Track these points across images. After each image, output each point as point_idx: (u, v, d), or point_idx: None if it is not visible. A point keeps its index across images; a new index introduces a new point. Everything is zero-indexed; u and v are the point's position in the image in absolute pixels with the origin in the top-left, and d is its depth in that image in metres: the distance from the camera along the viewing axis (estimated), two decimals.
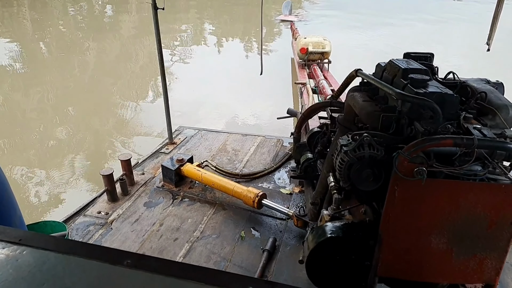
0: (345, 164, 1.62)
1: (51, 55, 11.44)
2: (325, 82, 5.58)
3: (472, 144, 1.39)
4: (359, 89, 2.11)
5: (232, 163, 3.98)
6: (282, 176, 3.76)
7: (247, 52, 12.19)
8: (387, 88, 1.70)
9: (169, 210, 3.23)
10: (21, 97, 8.16)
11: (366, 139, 1.58)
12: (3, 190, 1.31)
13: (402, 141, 1.60)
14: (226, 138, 4.53)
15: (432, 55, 2.09)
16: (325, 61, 6.93)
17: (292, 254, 2.74)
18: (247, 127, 6.54)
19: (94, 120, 7.03)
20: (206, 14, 18.34)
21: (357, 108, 1.93)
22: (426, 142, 1.42)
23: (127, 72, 10.15)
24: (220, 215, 3.17)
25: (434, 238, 1.58)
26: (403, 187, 1.49)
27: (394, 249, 1.63)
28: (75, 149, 6.00)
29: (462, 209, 1.51)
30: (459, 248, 1.59)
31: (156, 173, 3.76)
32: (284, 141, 4.42)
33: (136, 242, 2.87)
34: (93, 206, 3.28)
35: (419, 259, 1.64)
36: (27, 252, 0.83)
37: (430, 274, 1.67)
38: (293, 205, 3.28)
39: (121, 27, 15.36)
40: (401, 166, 1.45)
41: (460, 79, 1.93)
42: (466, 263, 1.62)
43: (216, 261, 2.69)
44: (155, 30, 3.72)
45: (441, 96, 1.59)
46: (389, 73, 1.90)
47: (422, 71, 1.76)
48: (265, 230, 3.00)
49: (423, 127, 1.52)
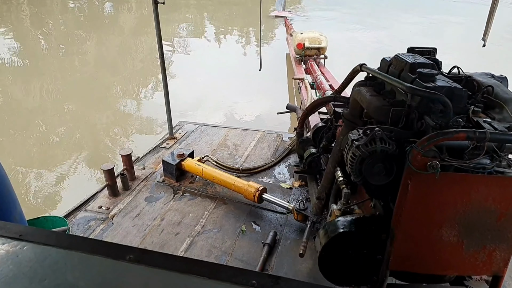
0: (357, 158, 1.62)
1: (50, 50, 11.37)
2: (323, 77, 5.58)
3: (484, 138, 1.39)
4: (364, 84, 2.10)
5: (232, 158, 3.97)
6: (282, 170, 3.75)
7: (245, 49, 12.14)
8: (397, 83, 1.69)
9: (170, 204, 3.23)
10: (21, 92, 8.12)
11: (378, 133, 1.57)
12: (2, 185, 1.30)
13: (412, 135, 1.60)
14: (226, 133, 4.52)
15: (435, 50, 2.08)
16: (321, 56, 6.95)
17: (292, 247, 2.74)
18: (246, 123, 6.52)
19: (94, 115, 6.99)
20: (205, 10, 18.24)
21: (364, 102, 1.92)
22: (440, 136, 1.42)
23: (127, 67, 10.10)
24: (221, 210, 3.16)
25: (445, 231, 1.59)
26: (416, 181, 1.50)
27: (406, 243, 1.64)
28: (76, 144, 5.97)
29: (473, 201, 1.53)
30: (469, 240, 1.60)
31: (157, 168, 3.75)
32: (284, 136, 4.41)
33: (138, 237, 2.86)
34: (94, 201, 3.26)
35: (430, 252, 1.65)
36: (27, 247, 0.83)
37: (441, 266, 1.68)
38: (293, 199, 3.27)
39: (122, 22, 15.28)
40: (415, 160, 1.45)
41: (465, 73, 1.92)
42: (476, 255, 1.63)
43: (217, 255, 2.68)
44: (155, 24, 3.69)
45: (451, 90, 1.59)
46: (395, 67, 1.89)
47: (429, 65, 1.75)
48: (265, 224, 3.00)
49: (434, 121, 1.51)
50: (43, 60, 10.39)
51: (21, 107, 7.36)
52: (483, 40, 3.84)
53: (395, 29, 14.18)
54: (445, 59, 2.00)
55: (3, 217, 1.26)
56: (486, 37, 3.80)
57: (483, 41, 3.84)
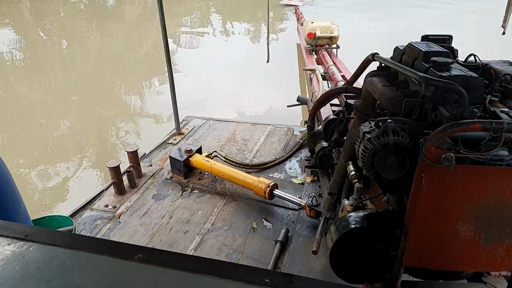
0: (369, 152, 1.57)
1: (52, 45, 11.40)
2: (335, 67, 5.48)
3: (501, 128, 1.34)
4: (377, 74, 2.05)
5: (241, 153, 3.94)
6: (293, 165, 3.71)
7: (254, 40, 12.08)
8: (410, 72, 1.65)
9: (179, 202, 3.21)
10: (24, 88, 8.15)
11: (390, 125, 1.52)
12: (6, 184, 1.28)
13: (427, 127, 1.55)
14: (235, 127, 4.48)
15: (450, 37, 2.02)
16: (333, 46, 6.81)
17: (305, 245, 2.71)
18: (255, 116, 6.48)
19: (98, 111, 6.99)
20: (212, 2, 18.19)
21: (376, 93, 1.88)
22: (454, 127, 1.37)
23: (131, 60, 10.10)
24: (231, 207, 3.14)
25: (462, 226, 1.54)
26: (430, 174, 1.45)
27: (420, 238, 1.59)
28: (80, 141, 5.94)
29: (490, 195, 1.48)
30: (486, 236, 1.55)
31: (164, 164, 3.73)
32: (294, 130, 4.37)
33: (145, 235, 2.84)
34: (100, 200, 3.25)
35: (446, 248, 1.60)
36: (34, 248, 0.82)
37: (457, 262, 1.64)
38: (305, 195, 3.24)
39: (125, 14, 15.30)
40: (428, 152, 1.40)
41: (482, 62, 1.87)
42: (494, 250, 1.58)
43: (228, 253, 2.66)
44: (159, 16, 3.65)
45: (466, 79, 1.53)
46: (408, 56, 1.85)
47: (444, 53, 1.71)
48: (277, 221, 2.97)
49: (449, 111, 1.46)
50: (47, 56, 10.42)
51: (24, 102, 7.38)
52: (503, 27, 3.78)
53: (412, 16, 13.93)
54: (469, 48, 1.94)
55: (7, 217, 1.25)
56: (506, 24, 3.75)
57: (503, 28, 3.78)
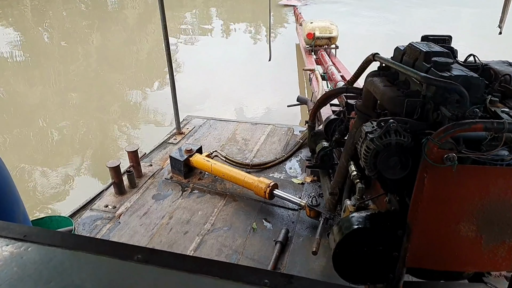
0: (371, 152, 1.57)
1: (53, 44, 11.40)
2: (334, 68, 5.50)
3: (502, 128, 1.34)
4: (377, 74, 2.05)
5: (242, 153, 3.93)
6: (293, 165, 3.71)
7: (253, 40, 12.09)
8: (411, 72, 1.65)
9: (179, 202, 3.20)
10: (24, 87, 8.15)
11: (392, 125, 1.53)
12: (5, 184, 1.27)
13: (428, 127, 1.55)
14: (235, 127, 4.48)
15: (450, 38, 2.03)
16: (332, 46, 6.84)
17: (305, 245, 2.70)
18: (255, 116, 6.48)
19: (98, 111, 6.98)
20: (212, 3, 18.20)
21: (377, 93, 1.88)
22: (456, 127, 1.37)
23: (132, 60, 10.09)
24: (231, 207, 3.13)
25: (463, 226, 1.54)
26: (432, 174, 1.45)
27: (423, 239, 1.59)
28: (80, 140, 5.94)
29: (492, 195, 1.48)
30: (488, 235, 1.56)
31: (164, 164, 3.73)
32: (294, 130, 4.36)
33: (145, 236, 2.84)
34: (100, 200, 3.24)
35: (448, 248, 1.60)
36: (32, 248, 0.82)
37: (459, 262, 1.64)
38: (305, 195, 3.23)
39: (127, 16, 15.30)
40: (431, 152, 1.40)
41: (481, 62, 1.87)
42: (495, 250, 1.59)
43: (227, 254, 2.65)
44: (160, 15, 3.65)
45: (467, 79, 1.54)
46: (409, 56, 1.85)
47: (444, 54, 1.71)
48: (277, 221, 2.96)
49: (450, 111, 1.46)
50: (46, 54, 10.42)
51: (24, 102, 7.36)
52: (499, 28, 3.78)
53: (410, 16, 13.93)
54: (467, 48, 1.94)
55: (6, 218, 1.23)
56: (503, 24, 3.75)
57: (499, 28, 3.78)
